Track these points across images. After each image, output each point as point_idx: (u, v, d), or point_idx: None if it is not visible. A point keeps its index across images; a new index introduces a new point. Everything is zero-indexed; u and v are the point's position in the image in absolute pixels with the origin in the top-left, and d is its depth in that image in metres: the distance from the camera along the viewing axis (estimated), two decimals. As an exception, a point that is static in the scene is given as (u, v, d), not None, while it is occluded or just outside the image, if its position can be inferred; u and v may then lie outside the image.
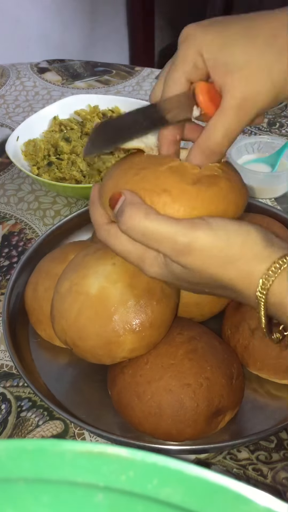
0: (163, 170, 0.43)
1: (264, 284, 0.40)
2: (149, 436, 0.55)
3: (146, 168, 0.44)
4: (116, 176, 0.45)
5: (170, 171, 0.43)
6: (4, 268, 0.76)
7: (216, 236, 0.40)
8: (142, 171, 0.43)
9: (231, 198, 0.44)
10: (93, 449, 0.20)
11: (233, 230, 0.41)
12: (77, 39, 1.90)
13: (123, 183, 0.44)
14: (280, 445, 0.56)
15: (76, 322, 0.54)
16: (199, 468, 0.20)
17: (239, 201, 0.45)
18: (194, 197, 0.42)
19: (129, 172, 0.44)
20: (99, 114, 0.95)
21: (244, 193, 0.46)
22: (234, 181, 0.45)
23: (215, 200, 0.43)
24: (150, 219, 0.41)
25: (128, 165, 0.45)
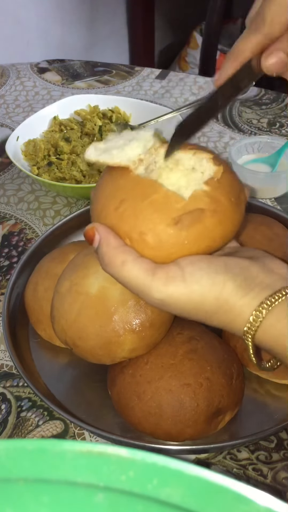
0: (143, 206, 0.40)
1: (248, 333, 0.40)
2: (149, 436, 0.55)
3: (127, 200, 0.41)
4: (99, 202, 0.43)
5: (151, 207, 0.40)
6: (4, 268, 0.76)
7: (190, 292, 0.39)
8: (123, 205, 0.41)
9: (216, 233, 0.41)
10: (93, 449, 0.20)
11: (208, 283, 0.39)
12: (77, 39, 1.90)
13: (104, 216, 0.42)
14: (280, 445, 0.56)
15: (76, 322, 0.54)
16: (199, 468, 0.20)
17: (228, 232, 0.42)
18: (174, 240, 0.40)
19: (111, 203, 0.42)
20: (99, 114, 0.95)
21: (236, 219, 0.43)
22: (223, 210, 0.41)
23: (198, 241, 0.41)
24: (126, 269, 0.40)
25: (111, 189, 0.42)
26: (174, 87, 1.15)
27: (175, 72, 1.20)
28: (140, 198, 0.41)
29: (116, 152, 0.42)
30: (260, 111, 1.06)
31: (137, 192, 0.41)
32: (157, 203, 0.40)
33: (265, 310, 0.39)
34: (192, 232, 0.40)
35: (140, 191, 0.41)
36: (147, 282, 0.40)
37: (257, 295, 0.39)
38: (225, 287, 0.39)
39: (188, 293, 0.39)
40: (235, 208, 0.42)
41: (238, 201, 0.43)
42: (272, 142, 0.88)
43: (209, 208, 0.41)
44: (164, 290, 0.39)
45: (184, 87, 1.15)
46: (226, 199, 0.42)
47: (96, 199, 0.44)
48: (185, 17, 2.14)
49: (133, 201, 0.41)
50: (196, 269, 0.39)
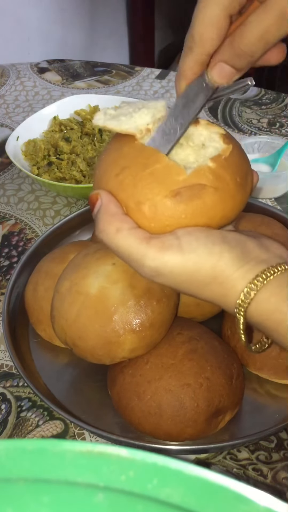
0: (144, 175, 0.40)
1: (240, 306, 0.39)
2: (149, 436, 0.55)
3: (128, 167, 0.40)
4: (102, 167, 0.43)
5: (152, 177, 0.40)
6: (4, 268, 0.76)
7: (185, 261, 0.39)
8: (124, 172, 0.40)
9: (216, 211, 0.40)
10: (93, 449, 0.20)
11: (204, 253, 0.39)
12: (77, 39, 1.90)
13: (105, 181, 0.42)
14: (280, 445, 0.56)
15: (76, 322, 0.54)
16: (199, 468, 0.20)
17: (229, 212, 0.41)
18: (169, 213, 0.39)
19: (113, 168, 0.41)
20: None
21: (239, 200, 0.42)
22: (226, 189, 0.40)
23: (195, 216, 0.40)
24: (121, 236, 0.40)
25: (115, 156, 0.42)
26: (174, 87, 1.15)
27: (175, 72, 1.20)
28: (142, 167, 0.40)
29: (125, 119, 0.42)
30: (260, 111, 1.06)
31: (139, 161, 0.41)
32: (157, 174, 0.40)
33: (260, 283, 0.38)
34: (190, 207, 0.39)
35: (142, 160, 0.40)
36: (141, 250, 0.39)
37: (252, 268, 0.39)
38: (221, 258, 0.39)
39: (184, 262, 0.39)
40: (239, 189, 0.41)
41: (244, 182, 0.42)
42: (272, 142, 0.88)
43: (211, 185, 0.40)
44: (158, 257, 0.39)
45: (184, 87, 1.14)
46: (231, 178, 0.41)
47: (99, 164, 0.43)
48: (185, 17, 2.13)
49: (134, 170, 0.40)
50: (193, 239, 0.39)
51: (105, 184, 0.42)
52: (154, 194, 0.39)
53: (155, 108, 0.43)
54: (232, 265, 0.39)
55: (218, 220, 0.41)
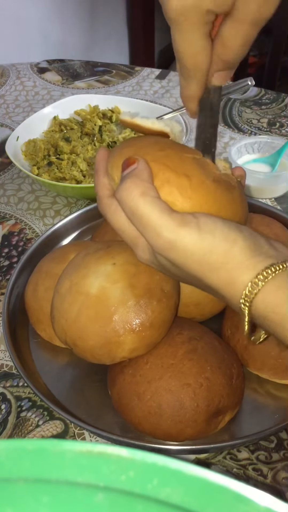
0: (187, 157, 0.42)
1: (247, 296, 0.39)
2: (149, 436, 0.55)
3: (172, 148, 0.43)
4: (137, 145, 0.43)
5: (194, 161, 0.42)
6: (4, 268, 0.76)
7: (201, 239, 0.39)
8: (168, 150, 0.42)
9: (239, 209, 0.44)
10: (93, 449, 0.20)
11: (220, 236, 0.39)
12: (77, 39, 1.90)
13: (143, 153, 0.42)
14: (280, 445, 0.56)
15: (76, 322, 0.54)
16: (199, 468, 0.20)
17: (242, 217, 0.45)
18: (211, 193, 0.42)
19: (155, 146, 0.42)
20: (99, 114, 0.95)
21: (247, 212, 0.46)
22: (243, 198, 0.45)
23: (226, 206, 0.42)
24: (144, 200, 0.39)
25: (154, 140, 0.44)
26: (174, 87, 1.15)
27: (175, 72, 1.20)
28: (184, 151, 0.42)
29: (156, 121, 0.44)
30: (260, 111, 1.06)
31: (180, 148, 0.43)
32: (199, 161, 0.42)
33: (269, 275, 0.39)
34: (225, 196, 0.42)
35: (183, 148, 0.43)
36: (161, 219, 0.39)
37: (262, 260, 0.39)
38: (235, 244, 0.39)
39: (199, 240, 0.39)
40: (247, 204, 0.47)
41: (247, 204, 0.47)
42: (272, 142, 0.88)
43: (238, 188, 0.44)
44: (176, 231, 0.39)
45: (184, 87, 1.14)
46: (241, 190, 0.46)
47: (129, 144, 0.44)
48: (185, 17, 2.13)
49: (179, 151, 0.42)
50: (211, 221, 0.40)
51: (144, 155, 0.42)
52: (199, 173, 0.42)
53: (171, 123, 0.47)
54: (244, 253, 0.39)
55: (238, 219, 0.44)
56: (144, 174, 0.40)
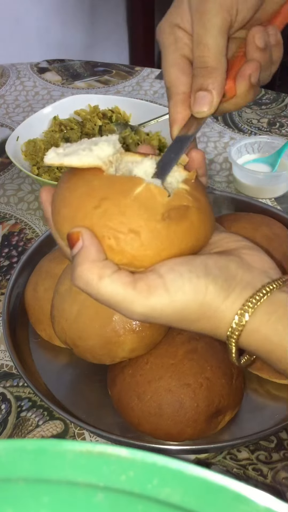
0: (128, 203, 0.38)
1: (231, 338, 0.39)
2: (149, 436, 0.55)
3: (108, 198, 0.38)
4: (72, 204, 0.39)
5: (136, 203, 0.38)
6: (4, 268, 0.76)
7: (172, 302, 0.38)
8: (104, 203, 0.38)
9: (201, 231, 0.40)
10: (93, 449, 0.20)
11: (190, 291, 0.38)
12: (77, 39, 1.90)
13: (81, 216, 0.38)
14: (280, 445, 0.56)
15: (76, 322, 0.54)
16: (199, 468, 0.20)
17: (209, 231, 0.42)
18: (164, 237, 0.38)
19: (89, 202, 0.38)
20: (99, 114, 0.95)
21: (213, 220, 0.43)
22: (204, 210, 0.41)
23: (186, 237, 0.39)
24: (103, 284, 0.37)
25: (86, 189, 0.39)
26: (174, 87, 1.14)
27: (175, 72, 1.20)
28: (123, 194, 0.38)
29: (85, 153, 0.40)
30: (260, 111, 1.06)
31: (117, 189, 0.38)
32: (141, 198, 0.38)
33: (247, 313, 0.38)
34: (180, 228, 0.39)
35: (120, 187, 0.39)
36: (128, 297, 0.37)
37: (238, 297, 0.38)
38: (207, 292, 0.38)
39: (171, 303, 0.38)
40: (211, 209, 0.42)
41: (210, 202, 0.43)
42: (272, 142, 0.88)
43: (193, 206, 0.40)
44: (146, 303, 0.37)
45: (184, 87, 1.14)
46: (204, 200, 0.41)
47: (65, 202, 0.40)
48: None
49: (116, 198, 0.38)
50: (177, 276, 0.38)
51: (82, 220, 0.38)
52: (146, 220, 0.38)
53: (113, 142, 0.41)
54: (217, 297, 0.38)
55: (203, 240, 0.41)
56: (91, 253, 0.37)
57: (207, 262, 0.39)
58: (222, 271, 0.39)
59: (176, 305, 0.38)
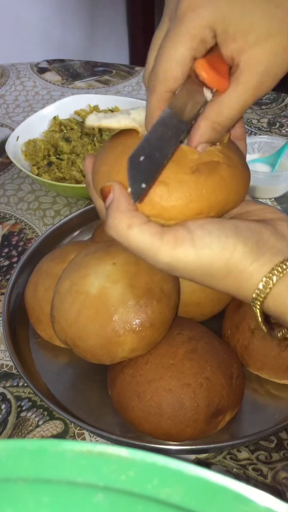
0: None
1: (256, 300, 0.39)
2: (149, 436, 0.55)
3: None
4: (108, 161, 0.42)
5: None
6: (4, 268, 0.76)
7: (198, 257, 0.38)
8: None
9: (232, 186, 0.41)
10: (93, 449, 0.20)
11: (218, 248, 0.38)
12: (77, 39, 1.90)
13: (115, 172, 0.40)
14: (280, 445, 0.56)
15: (76, 322, 0.54)
16: (199, 468, 0.20)
17: (241, 189, 0.42)
18: (193, 189, 0.39)
19: (123, 158, 0.40)
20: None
21: (247, 179, 0.43)
22: (236, 167, 0.42)
23: (215, 191, 0.40)
24: (132, 233, 0.38)
25: (121, 148, 0.41)
26: (174, 87, 1.15)
27: (175, 72, 1.20)
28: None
29: (122, 116, 0.42)
30: (260, 111, 1.06)
31: None
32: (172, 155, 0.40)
33: (276, 276, 0.38)
34: (210, 182, 0.40)
35: None
36: (155, 246, 0.38)
37: (268, 261, 0.38)
38: (235, 251, 0.38)
39: (197, 257, 0.38)
40: (245, 168, 0.43)
41: (246, 163, 0.44)
42: (272, 142, 0.88)
43: (224, 162, 0.41)
44: (172, 254, 0.38)
45: (184, 87, 1.14)
46: (237, 158, 0.42)
47: (103, 160, 0.42)
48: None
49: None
50: (205, 233, 0.38)
51: (116, 174, 0.40)
52: (175, 173, 0.39)
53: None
54: (246, 259, 0.38)
55: (234, 196, 0.42)
56: (122, 204, 0.39)
57: (240, 224, 0.40)
58: (253, 234, 0.39)
59: (201, 260, 0.38)
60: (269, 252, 0.39)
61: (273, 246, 0.39)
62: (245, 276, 0.39)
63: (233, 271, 0.39)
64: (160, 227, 0.39)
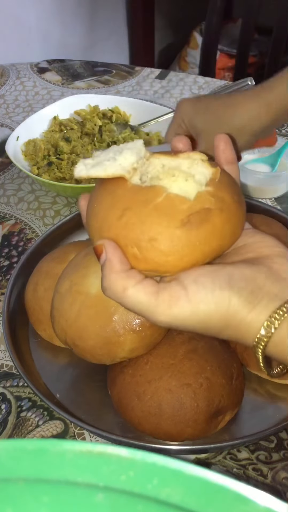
0: (148, 212, 0.39)
1: (257, 347, 0.39)
2: (149, 436, 0.55)
3: (130, 208, 0.39)
4: (99, 215, 0.41)
5: (156, 212, 0.39)
6: (4, 268, 0.76)
7: (195, 313, 0.38)
8: (126, 214, 0.39)
9: (226, 231, 0.40)
10: (93, 449, 0.20)
11: (213, 302, 0.38)
12: (77, 39, 1.90)
13: (107, 228, 0.40)
14: (280, 445, 0.56)
15: (76, 322, 0.54)
16: (199, 468, 0.20)
17: (236, 229, 0.42)
18: (185, 243, 0.39)
19: (113, 213, 0.40)
20: (99, 114, 0.95)
21: (241, 216, 0.42)
22: (229, 210, 0.41)
23: (208, 240, 0.39)
24: (128, 295, 0.39)
25: (111, 200, 0.41)
26: (174, 87, 1.15)
27: (175, 72, 1.20)
28: (144, 204, 0.39)
29: (109, 163, 0.41)
30: (260, 111, 1.05)
31: (139, 199, 0.40)
32: (161, 207, 0.39)
33: (273, 325, 0.38)
34: (202, 232, 0.39)
35: (142, 197, 0.40)
36: (151, 306, 0.39)
37: (264, 308, 0.38)
38: (230, 304, 0.38)
39: (193, 313, 0.38)
40: (238, 206, 0.42)
41: (240, 199, 0.43)
42: (272, 142, 0.88)
43: (216, 207, 0.40)
44: (169, 313, 0.38)
45: (184, 87, 1.15)
46: (229, 198, 0.41)
47: (93, 215, 0.42)
48: (185, 17, 2.14)
49: (137, 208, 0.39)
50: (200, 288, 0.38)
51: (108, 231, 0.40)
52: (165, 227, 0.39)
53: (136, 148, 0.42)
54: (242, 309, 0.38)
55: (229, 239, 0.41)
56: (115, 264, 0.39)
57: (233, 273, 0.39)
58: (248, 283, 0.39)
59: (198, 315, 0.38)
60: (266, 299, 0.38)
61: (269, 291, 0.39)
62: (244, 325, 0.39)
63: (231, 323, 0.39)
64: (155, 285, 0.39)
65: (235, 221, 0.41)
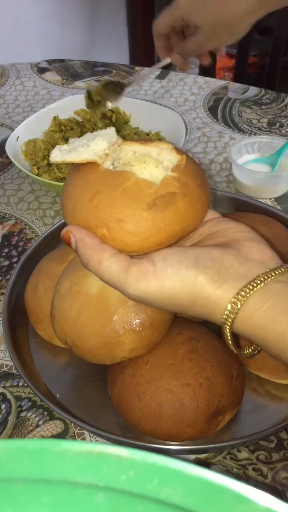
0: (117, 195, 0.42)
1: (225, 324, 0.40)
2: (149, 436, 0.55)
3: (101, 191, 0.42)
4: (72, 197, 0.44)
5: (125, 195, 0.42)
6: (4, 268, 0.76)
7: (162, 289, 0.40)
8: (97, 196, 0.42)
9: (189, 215, 0.43)
10: (93, 449, 0.20)
11: (179, 280, 0.40)
12: (77, 39, 1.90)
13: (79, 209, 0.43)
14: (280, 445, 0.56)
15: (76, 322, 0.53)
16: (199, 468, 0.20)
17: (199, 213, 0.44)
18: (150, 224, 0.42)
19: (85, 196, 0.43)
20: (99, 114, 0.95)
21: (205, 201, 0.45)
22: (192, 194, 0.43)
23: (173, 222, 0.42)
24: (103, 267, 0.41)
25: (83, 183, 0.44)
26: (174, 87, 1.15)
27: (175, 72, 1.20)
28: (114, 187, 0.42)
29: (82, 149, 0.44)
30: (260, 111, 1.06)
31: (109, 183, 0.43)
32: (129, 190, 0.42)
33: (240, 302, 0.39)
34: (166, 215, 0.42)
35: (112, 181, 0.43)
36: (121, 279, 0.41)
37: (231, 287, 0.40)
38: (196, 282, 0.40)
39: (160, 289, 0.40)
40: (202, 191, 0.45)
41: (204, 184, 0.45)
42: (272, 142, 0.88)
43: (180, 191, 0.43)
44: (137, 286, 0.40)
45: (184, 87, 1.15)
46: (193, 183, 0.44)
47: (68, 197, 0.45)
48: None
49: (107, 192, 0.42)
50: (167, 265, 0.40)
51: (80, 212, 0.43)
52: (132, 209, 0.41)
53: (108, 135, 0.45)
54: (208, 287, 0.40)
55: (192, 222, 0.44)
56: (86, 241, 0.42)
57: (200, 253, 0.41)
58: (214, 263, 0.41)
59: (165, 292, 0.40)
60: (232, 278, 0.40)
61: (237, 271, 0.40)
62: (211, 302, 0.40)
63: (198, 300, 0.40)
64: (127, 259, 0.42)
65: (198, 205, 0.44)
